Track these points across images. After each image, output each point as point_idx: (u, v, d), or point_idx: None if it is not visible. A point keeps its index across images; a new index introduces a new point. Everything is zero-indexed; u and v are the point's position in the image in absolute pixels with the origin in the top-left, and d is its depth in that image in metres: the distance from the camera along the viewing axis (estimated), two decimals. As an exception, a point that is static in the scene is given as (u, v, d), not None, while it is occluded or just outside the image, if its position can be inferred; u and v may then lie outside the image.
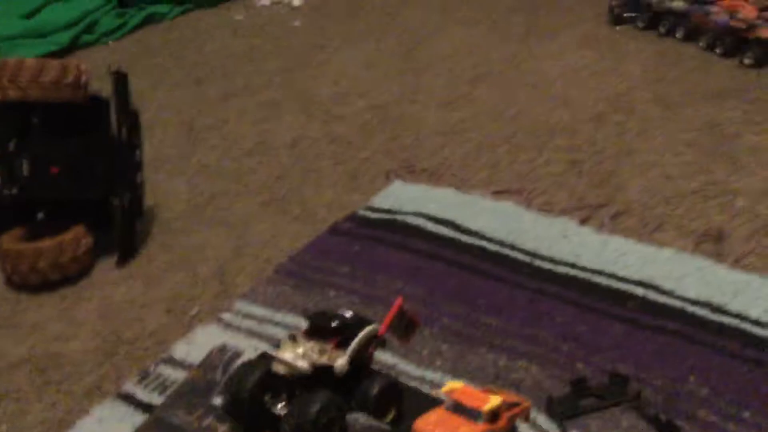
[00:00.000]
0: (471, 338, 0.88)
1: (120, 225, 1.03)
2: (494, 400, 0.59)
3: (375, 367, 0.71)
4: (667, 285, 0.94)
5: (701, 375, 0.81)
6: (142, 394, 0.79)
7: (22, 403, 0.80)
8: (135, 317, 0.92)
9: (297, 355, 0.61)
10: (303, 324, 0.79)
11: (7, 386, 0.82)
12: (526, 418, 0.66)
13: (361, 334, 0.64)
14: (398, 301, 0.70)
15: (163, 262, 1.03)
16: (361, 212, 1.13)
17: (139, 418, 0.75)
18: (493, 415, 0.58)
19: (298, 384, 0.61)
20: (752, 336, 0.85)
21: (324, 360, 0.61)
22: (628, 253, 1.00)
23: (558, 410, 0.76)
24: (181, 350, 0.85)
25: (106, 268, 1.02)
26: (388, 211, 1.13)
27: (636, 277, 0.96)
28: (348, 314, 0.66)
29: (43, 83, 0.93)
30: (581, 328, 0.88)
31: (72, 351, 0.87)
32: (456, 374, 0.81)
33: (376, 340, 0.67)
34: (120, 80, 1.00)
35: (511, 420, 0.62)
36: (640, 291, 0.94)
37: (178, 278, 1.00)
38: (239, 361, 0.64)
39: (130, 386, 0.81)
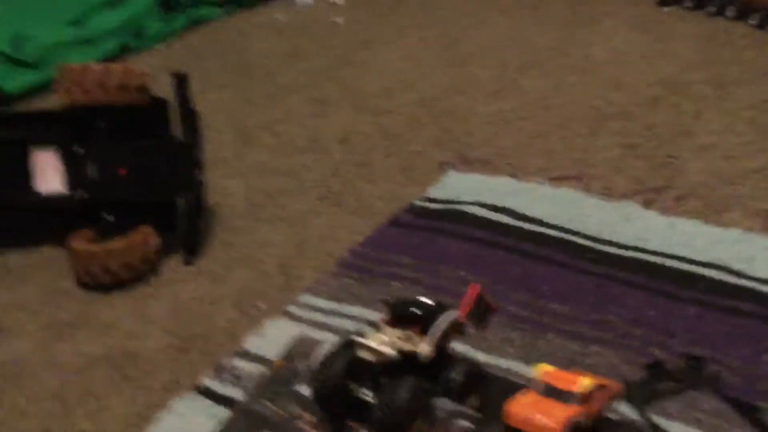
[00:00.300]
0: (540, 325, 0.87)
1: (185, 224, 1.04)
2: (586, 382, 0.58)
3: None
4: (737, 266, 0.92)
5: (779, 355, 0.79)
6: (220, 388, 0.80)
7: (103, 399, 0.82)
8: (204, 314, 0.94)
9: (383, 342, 0.62)
10: (371, 314, 0.79)
11: (86, 384, 0.84)
12: (615, 402, 0.65)
13: (445, 320, 0.64)
14: (476, 287, 0.70)
15: (227, 259, 1.04)
16: (419, 203, 1.13)
17: (218, 410, 0.76)
18: (586, 398, 0.58)
19: (383, 371, 0.62)
20: (830, 315, 0.83)
21: (410, 346, 0.62)
22: (696, 235, 0.99)
23: (637, 395, 0.75)
24: (253, 343, 0.86)
25: (173, 266, 1.03)
26: (446, 202, 1.13)
27: (705, 258, 0.94)
28: (429, 301, 0.67)
29: (108, 87, 0.95)
30: (652, 312, 0.87)
31: (146, 348, 0.89)
32: (528, 361, 0.81)
33: (457, 327, 0.67)
34: (181, 81, 1.01)
35: (603, 403, 0.61)
36: (710, 273, 0.92)
37: (243, 274, 1.01)
38: (320, 351, 0.65)
39: (207, 380, 0.82)
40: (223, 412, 0.76)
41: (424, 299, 0.67)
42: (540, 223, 1.05)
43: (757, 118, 1.26)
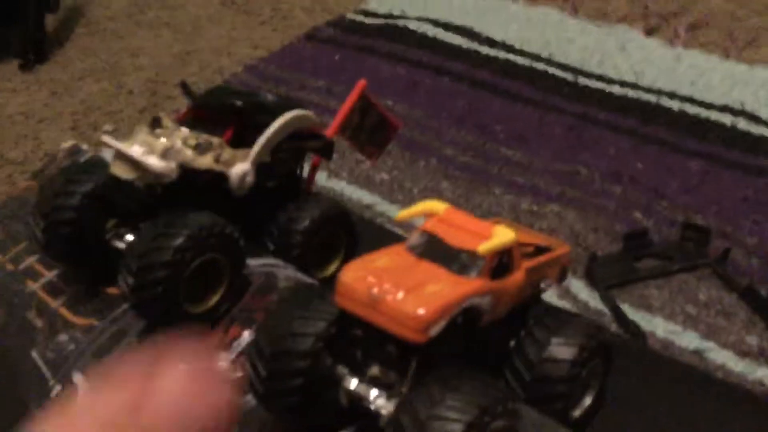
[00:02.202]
0: (482, 174, 0.62)
1: (26, 17, 0.77)
2: (501, 235, 0.30)
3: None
4: (764, 113, 0.67)
5: (816, 232, 0.55)
6: None
7: None
8: (29, 133, 0.68)
9: (155, 148, 0.35)
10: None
11: None
12: (562, 275, 0.39)
13: (278, 123, 0.37)
14: (359, 84, 0.44)
15: (81, 68, 0.78)
16: (350, 16, 0.86)
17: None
18: (501, 264, 0.31)
19: (164, 201, 0.36)
20: None
21: (207, 161, 0.35)
22: (710, 71, 0.73)
23: (603, 274, 0.52)
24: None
25: (5, 71, 0.77)
26: (386, 16, 0.86)
27: (720, 101, 0.69)
28: (267, 96, 0.40)
29: None
30: (640, 164, 0.63)
31: (-64, 173, 0.64)
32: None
33: (317, 144, 0.40)
34: None
35: (535, 274, 0.35)
36: (724, 119, 0.67)
37: (97, 88, 0.75)
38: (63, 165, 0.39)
39: None
40: None
41: (262, 94, 0.40)
42: (506, 47, 0.79)
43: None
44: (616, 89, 0.72)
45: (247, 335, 0.33)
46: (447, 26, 0.82)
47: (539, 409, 0.30)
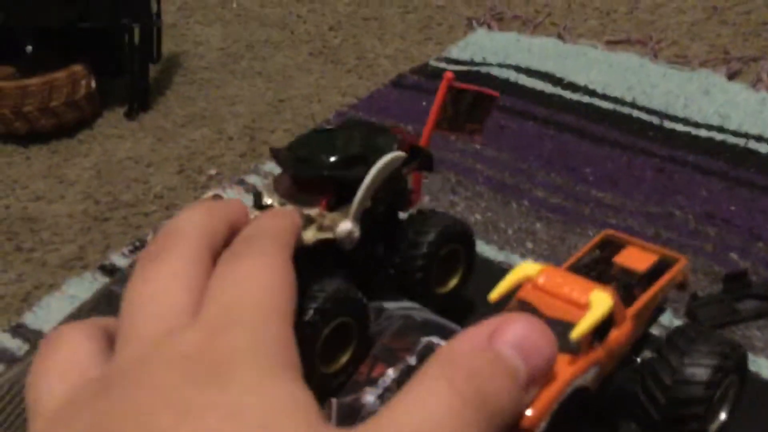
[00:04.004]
0: (575, 215, 0.64)
1: (130, 66, 0.82)
2: (596, 307, 0.29)
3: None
4: None
5: None
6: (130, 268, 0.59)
7: (-18, 274, 0.62)
8: (139, 177, 0.73)
9: None
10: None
11: (-32, 253, 0.64)
12: (682, 284, 0.39)
13: (369, 179, 0.37)
14: (446, 77, 0.45)
15: (182, 115, 0.82)
16: (434, 63, 0.89)
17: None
18: (602, 323, 0.30)
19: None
20: None
21: (310, 235, 0.35)
22: (798, 114, 0.73)
23: (704, 314, 0.52)
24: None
25: (112, 120, 0.82)
26: (469, 63, 0.89)
27: (811, 143, 0.69)
28: (355, 136, 0.39)
29: None
30: (733, 206, 0.63)
31: (55, 214, 0.68)
32: (555, 260, 0.59)
33: (414, 165, 0.42)
34: None
35: (645, 311, 0.34)
36: (817, 162, 0.67)
37: (199, 134, 0.79)
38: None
39: (118, 257, 0.61)
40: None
41: (350, 137, 0.40)
42: (589, 92, 0.81)
43: None
44: (702, 132, 0.73)
45: (391, 372, 0.35)
46: (529, 71, 0.85)
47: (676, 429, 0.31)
